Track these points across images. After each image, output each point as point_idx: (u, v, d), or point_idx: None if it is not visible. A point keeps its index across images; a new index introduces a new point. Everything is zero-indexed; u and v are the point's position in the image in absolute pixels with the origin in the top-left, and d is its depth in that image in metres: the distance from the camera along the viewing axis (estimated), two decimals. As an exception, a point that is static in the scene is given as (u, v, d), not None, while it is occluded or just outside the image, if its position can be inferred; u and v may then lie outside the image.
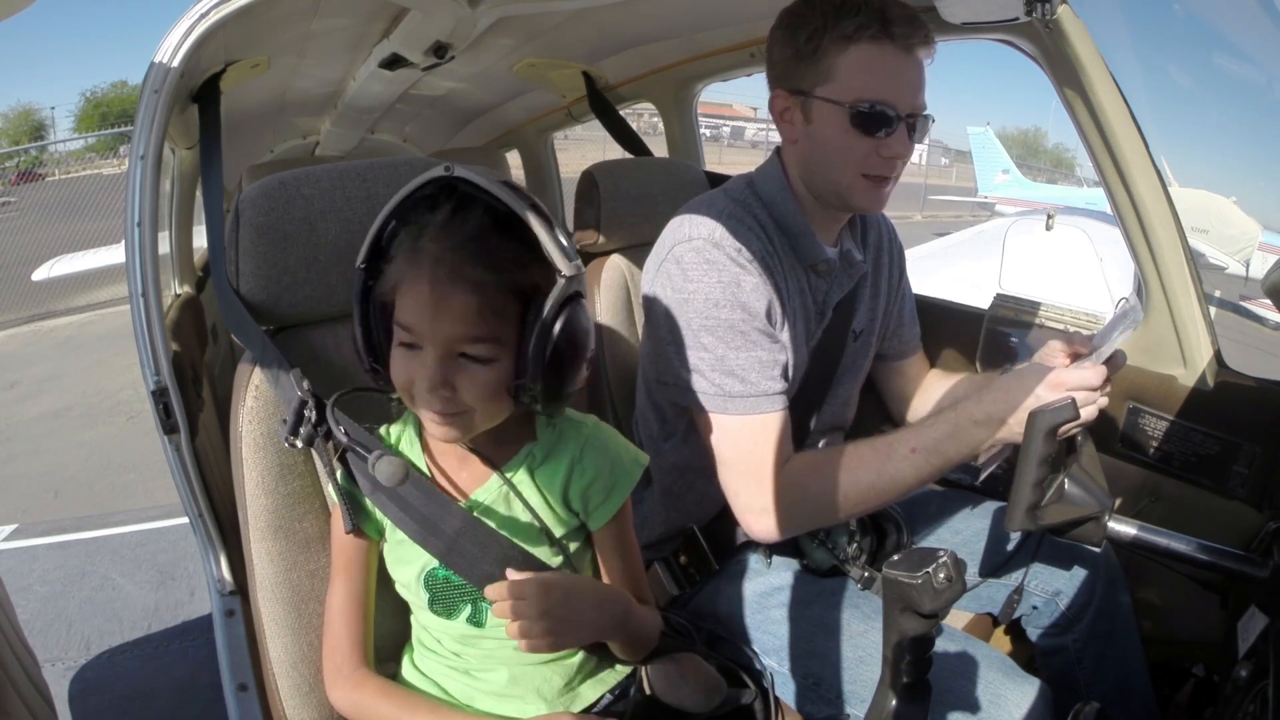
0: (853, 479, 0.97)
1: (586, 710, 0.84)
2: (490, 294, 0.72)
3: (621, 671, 0.87)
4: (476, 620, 0.81)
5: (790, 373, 1.05)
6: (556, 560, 0.82)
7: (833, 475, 0.98)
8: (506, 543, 0.79)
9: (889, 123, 0.98)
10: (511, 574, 0.77)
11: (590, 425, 0.85)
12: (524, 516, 0.81)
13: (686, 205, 1.09)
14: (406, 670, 0.87)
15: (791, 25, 1.02)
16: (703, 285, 1.00)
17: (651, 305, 1.06)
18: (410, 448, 0.83)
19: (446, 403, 0.73)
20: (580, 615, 0.78)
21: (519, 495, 0.80)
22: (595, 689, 0.85)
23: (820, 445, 1.20)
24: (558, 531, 0.82)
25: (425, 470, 0.82)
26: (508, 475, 0.81)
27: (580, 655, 0.84)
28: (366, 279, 0.76)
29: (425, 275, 0.71)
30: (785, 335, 1.05)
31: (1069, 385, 0.91)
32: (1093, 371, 0.92)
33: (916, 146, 1.05)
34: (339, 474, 0.82)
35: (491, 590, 0.76)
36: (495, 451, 0.81)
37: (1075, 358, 1.05)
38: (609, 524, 0.84)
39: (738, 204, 1.07)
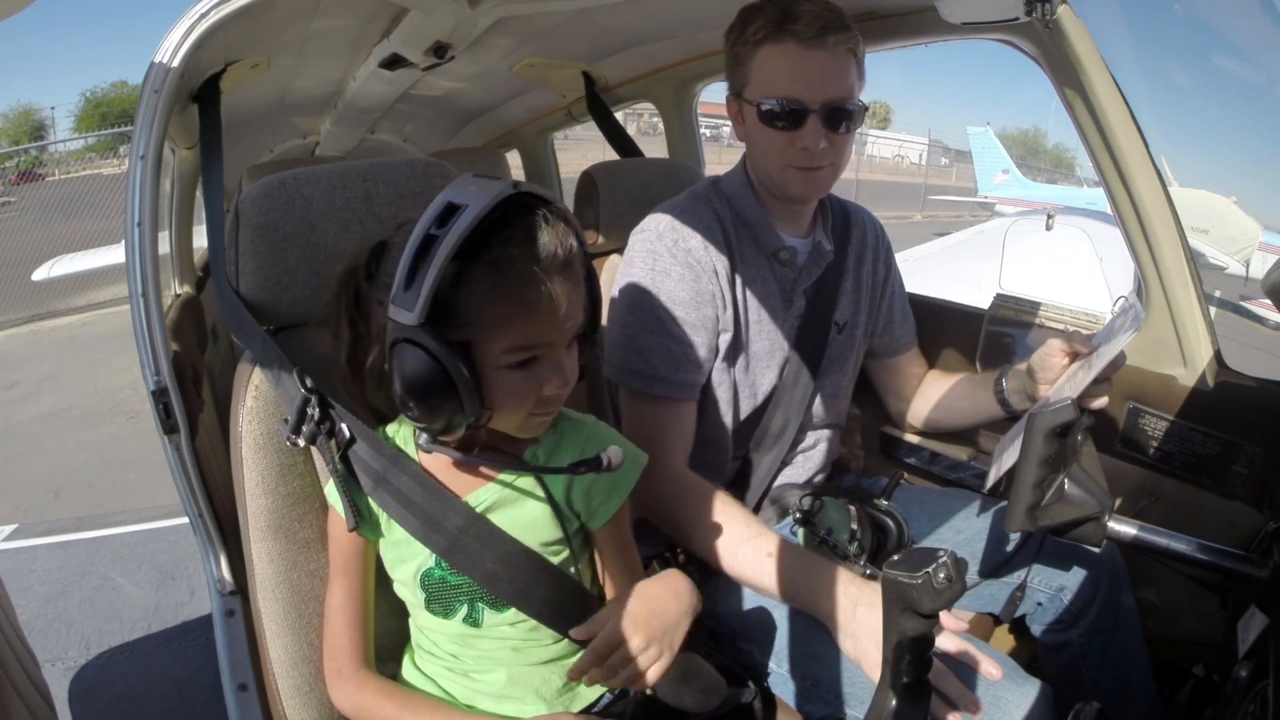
0: (707, 531, 1.01)
1: (586, 710, 0.84)
2: (582, 277, 0.75)
3: None
4: (473, 620, 0.81)
5: (710, 371, 1.13)
6: (559, 558, 0.82)
7: (696, 513, 1.02)
8: (508, 539, 0.79)
9: (797, 116, 1.05)
10: (578, 631, 0.78)
11: (590, 425, 0.86)
12: (525, 518, 0.81)
13: (661, 204, 1.18)
14: (407, 671, 0.87)
15: (726, 34, 1.11)
16: (637, 270, 1.11)
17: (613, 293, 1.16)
18: (407, 446, 0.83)
19: (563, 396, 0.76)
20: (668, 614, 0.78)
21: (523, 495, 0.81)
22: (594, 689, 0.84)
23: (821, 434, 1.25)
24: (558, 533, 0.82)
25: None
26: (509, 478, 0.81)
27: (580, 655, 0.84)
28: (438, 334, 0.70)
29: (540, 290, 0.71)
30: (732, 319, 1.12)
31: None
32: (954, 624, 0.92)
33: (916, 147, 1.07)
34: (340, 471, 0.81)
35: (585, 660, 0.76)
36: (497, 454, 0.81)
37: (1075, 357, 1.05)
38: (609, 523, 0.84)
39: (699, 200, 1.16)
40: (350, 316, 0.79)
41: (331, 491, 0.83)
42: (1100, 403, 1.02)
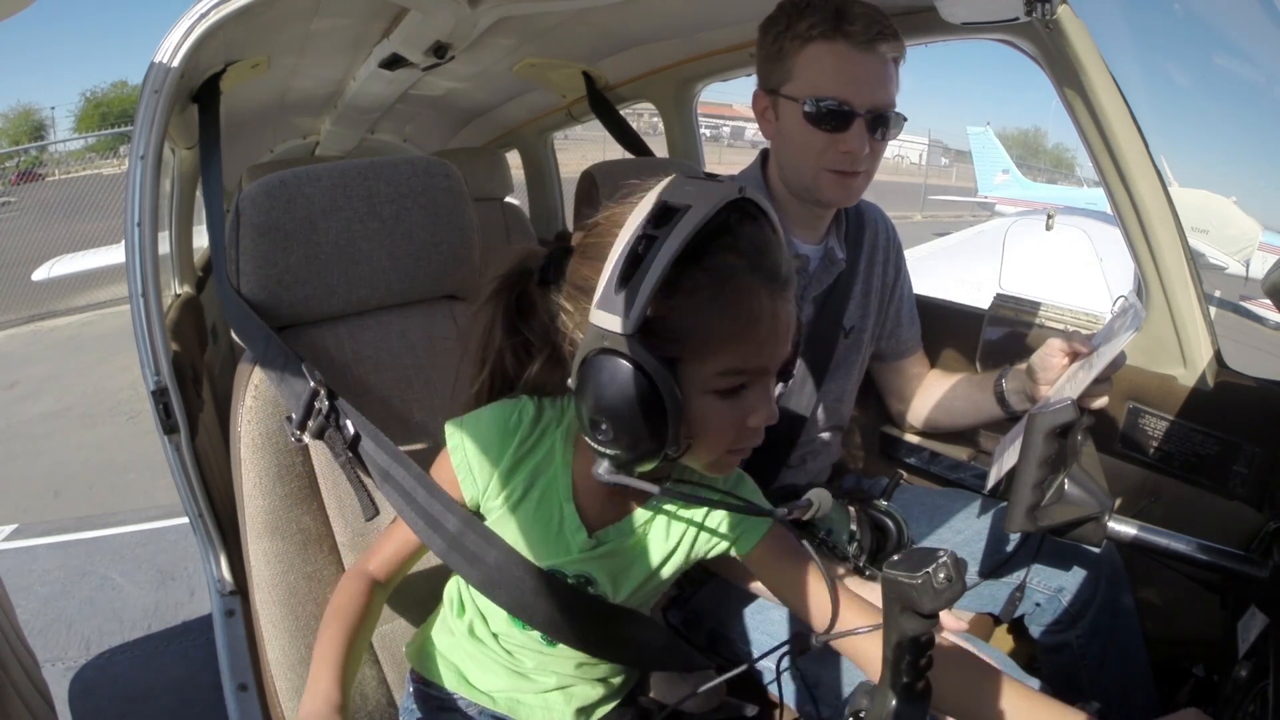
0: None
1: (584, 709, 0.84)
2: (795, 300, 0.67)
3: (628, 676, 0.86)
4: (549, 639, 0.79)
5: None
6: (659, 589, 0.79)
7: None
8: (506, 548, 0.77)
9: (844, 119, 1.02)
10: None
11: None
12: (651, 551, 0.77)
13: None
14: (438, 631, 0.85)
15: (764, 27, 1.08)
16: None
17: None
18: (564, 472, 0.76)
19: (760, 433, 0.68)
20: None
21: (655, 527, 0.76)
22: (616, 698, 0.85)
23: (823, 438, 1.23)
24: (671, 571, 0.78)
25: (571, 496, 0.76)
26: (649, 510, 0.76)
27: (623, 675, 0.84)
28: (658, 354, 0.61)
29: (763, 306, 0.63)
30: None
31: None
32: (954, 624, 0.91)
33: (916, 147, 1.07)
34: (351, 461, 0.81)
35: None
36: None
37: (1075, 357, 1.05)
38: (764, 540, 0.77)
39: None
40: (509, 323, 0.73)
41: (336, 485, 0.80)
42: (1100, 403, 1.02)
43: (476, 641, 0.82)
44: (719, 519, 0.76)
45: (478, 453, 0.75)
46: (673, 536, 0.77)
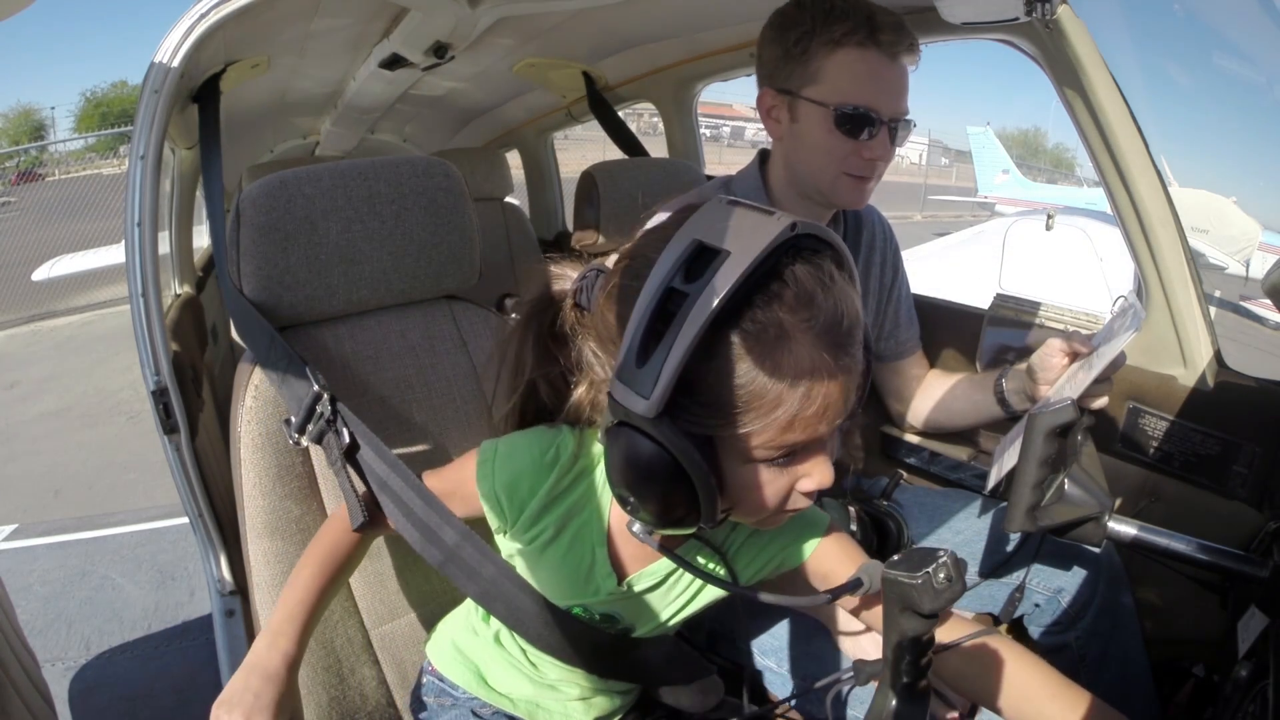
0: None
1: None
2: (861, 348, 0.58)
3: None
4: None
5: None
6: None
7: None
8: (502, 564, 0.76)
9: (871, 126, 1.03)
10: None
11: None
12: (684, 589, 0.74)
13: (661, 204, 1.13)
14: (460, 635, 0.85)
15: (781, 25, 1.06)
16: None
17: None
18: (601, 515, 0.71)
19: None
20: None
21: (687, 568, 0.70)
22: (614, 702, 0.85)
23: None
24: (703, 604, 0.75)
25: (605, 540, 0.72)
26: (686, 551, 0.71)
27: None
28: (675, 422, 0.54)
29: (816, 371, 0.54)
30: None
31: None
32: None
33: (916, 147, 1.08)
34: (345, 469, 0.81)
35: None
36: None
37: (1074, 357, 1.05)
38: (814, 554, 0.72)
39: None
40: (542, 351, 0.68)
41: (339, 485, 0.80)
42: (1100, 403, 1.02)
43: (501, 649, 0.81)
44: (766, 534, 0.71)
45: (507, 487, 0.70)
46: (715, 566, 0.72)
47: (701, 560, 0.72)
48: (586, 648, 0.75)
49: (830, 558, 0.71)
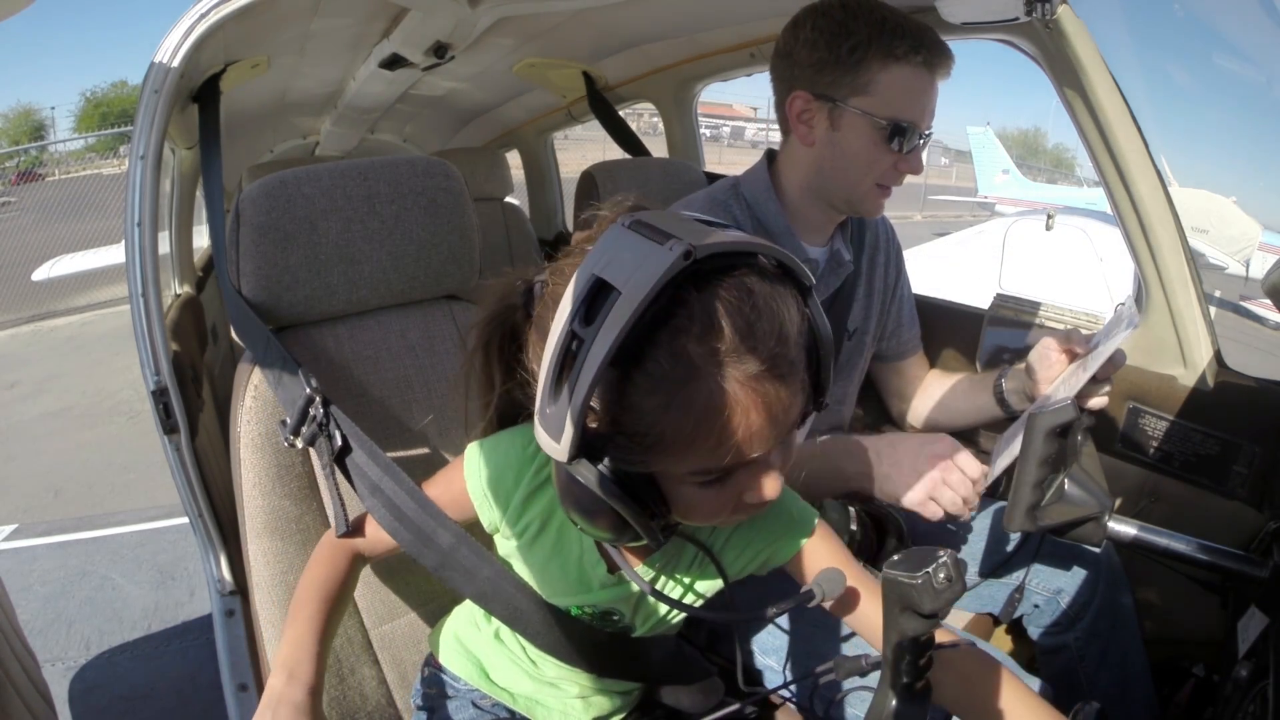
0: None
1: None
2: (801, 359, 0.55)
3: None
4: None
5: None
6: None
7: None
8: (497, 565, 0.76)
9: (914, 140, 1.05)
10: None
11: None
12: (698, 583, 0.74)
13: (672, 205, 1.11)
14: (460, 622, 0.85)
15: (830, 31, 1.03)
16: None
17: None
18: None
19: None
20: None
21: (684, 555, 0.72)
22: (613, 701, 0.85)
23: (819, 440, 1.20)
24: (694, 600, 0.75)
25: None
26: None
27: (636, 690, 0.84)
28: (597, 456, 0.54)
29: (733, 399, 0.51)
30: None
31: (946, 480, 0.92)
32: (975, 470, 0.93)
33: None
34: (334, 474, 0.80)
35: None
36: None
37: (1072, 356, 1.05)
38: (806, 547, 0.73)
39: (716, 204, 1.12)
40: (506, 365, 0.68)
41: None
42: (1100, 403, 1.02)
43: (501, 645, 0.81)
44: (753, 530, 0.71)
45: (492, 481, 0.72)
46: (703, 560, 0.72)
47: (689, 554, 0.73)
48: (586, 647, 0.76)
49: (816, 559, 0.72)
